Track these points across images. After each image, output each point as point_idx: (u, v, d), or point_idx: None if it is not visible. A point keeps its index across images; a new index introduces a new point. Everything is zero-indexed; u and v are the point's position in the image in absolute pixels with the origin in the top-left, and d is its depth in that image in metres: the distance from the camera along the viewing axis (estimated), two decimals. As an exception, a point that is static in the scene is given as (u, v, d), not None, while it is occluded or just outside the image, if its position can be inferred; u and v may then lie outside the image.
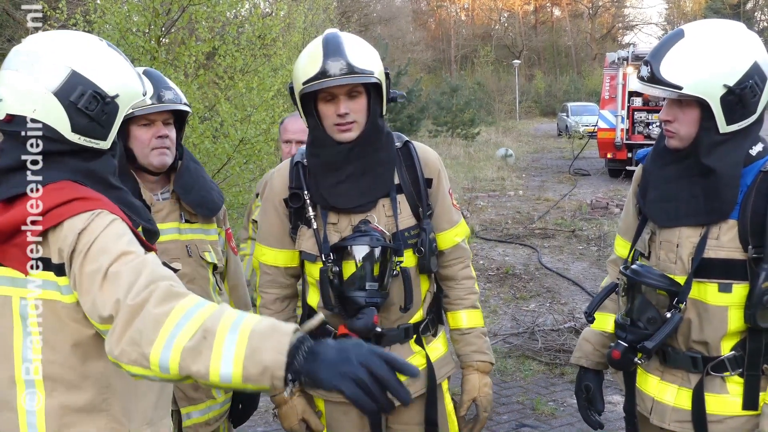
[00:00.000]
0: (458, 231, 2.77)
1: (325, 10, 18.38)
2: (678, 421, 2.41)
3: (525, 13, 69.72)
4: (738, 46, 2.24)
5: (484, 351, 2.76)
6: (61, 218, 1.78)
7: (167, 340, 1.57)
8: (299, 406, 2.72)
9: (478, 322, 2.79)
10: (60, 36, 1.96)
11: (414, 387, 2.66)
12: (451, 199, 2.77)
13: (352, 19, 31.70)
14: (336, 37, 2.50)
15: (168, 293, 1.65)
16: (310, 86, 2.45)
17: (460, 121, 28.33)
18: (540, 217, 13.49)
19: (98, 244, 1.75)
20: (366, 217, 2.58)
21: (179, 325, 1.58)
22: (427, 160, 2.69)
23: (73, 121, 1.87)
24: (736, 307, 2.29)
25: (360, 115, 2.52)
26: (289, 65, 9.38)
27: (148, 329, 1.59)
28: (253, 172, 8.26)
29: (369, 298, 2.51)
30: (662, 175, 2.42)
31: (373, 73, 2.47)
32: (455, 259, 2.78)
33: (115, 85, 1.92)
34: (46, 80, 1.85)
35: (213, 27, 8.08)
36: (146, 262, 1.73)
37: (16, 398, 1.86)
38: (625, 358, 2.41)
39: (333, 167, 2.57)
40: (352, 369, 1.47)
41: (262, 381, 1.53)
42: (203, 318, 1.59)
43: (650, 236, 2.47)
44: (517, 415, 5.30)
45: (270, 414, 5.39)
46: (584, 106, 34.97)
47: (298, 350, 1.51)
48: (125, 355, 1.62)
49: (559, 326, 7.07)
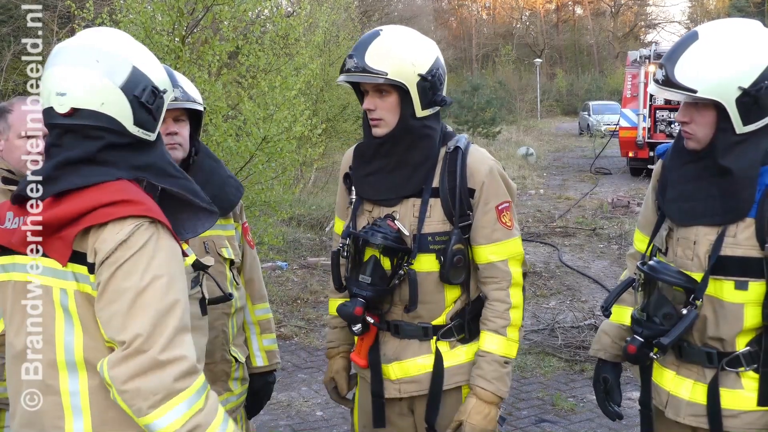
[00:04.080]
0: (497, 250, 2.63)
1: (347, 9, 18.42)
2: (692, 415, 2.43)
3: (546, 11, 69.37)
4: (753, 46, 2.25)
5: (489, 379, 2.59)
6: (107, 218, 1.85)
7: (165, 416, 1.80)
8: (335, 365, 2.94)
9: (498, 349, 2.62)
10: (112, 33, 2.05)
11: (421, 385, 2.68)
12: (499, 216, 2.63)
13: (373, 18, 31.70)
14: (369, 36, 2.58)
15: (188, 370, 1.85)
16: (339, 79, 2.65)
17: (481, 119, 28.23)
18: (561, 216, 13.47)
19: (136, 258, 1.84)
20: (393, 212, 2.64)
21: (179, 409, 1.82)
22: (474, 171, 2.61)
23: (135, 114, 1.97)
24: (752, 304, 2.31)
25: (387, 113, 2.57)
26: (312, 64, 9.46)
27: (153, 394, 1.80)
28: (275, 170, 8.33)
29: (358, 289, 2.59)
30: (680, 174, 2.44)
31: (385, 74, 2.49)
32: (489, 278, 2.66)
33: (163, 80, 2.05)
34: (112, 75, 1.94)
35: (236, 26, 8.16)
36: (176, 305, 1.87)
37: (59, 381, 1.93)
38: (640, 352, 2.42)
39: (366, 159, 2.69)
40: None
41: None
42: (203, 411, 1.86)
43: (668, 233, 2.49)
44: (537, 411, 5.34)
45: (293, 408, 5.47)
46: (606, 105, 34.79)
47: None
48: (122, 393, 1.81)
49: (579, 323, 7.09)
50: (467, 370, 2.68)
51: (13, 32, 17.24)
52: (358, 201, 2.72)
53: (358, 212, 2.72)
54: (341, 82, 2.63)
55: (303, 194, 13.69)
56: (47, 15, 14.64)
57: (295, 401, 5.60)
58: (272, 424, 5.20)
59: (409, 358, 2.69)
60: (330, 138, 16.10)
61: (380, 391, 2.72)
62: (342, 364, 2.93)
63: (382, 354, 2.72)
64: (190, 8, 7.73)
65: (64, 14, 18.22)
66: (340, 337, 2.93)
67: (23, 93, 22.29)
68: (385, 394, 2.72)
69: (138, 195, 1.92)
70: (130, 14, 7.53)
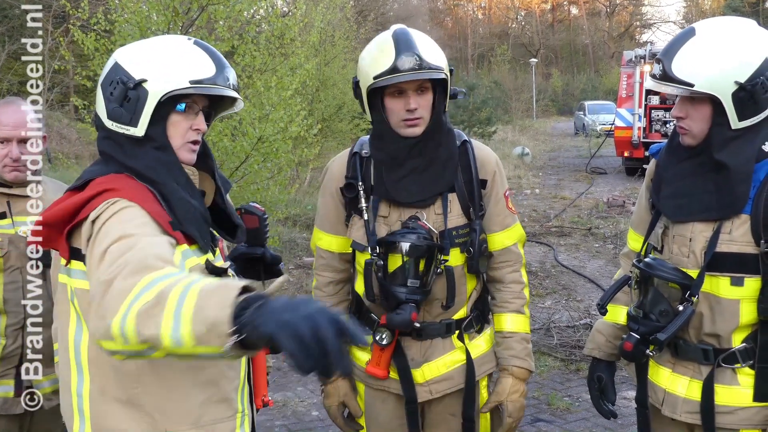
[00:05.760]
0: (510, 234, 2.74)
1: (342, 9, 18.42)
2: (689, 413, 2.44)
3: (542, 11, 69.48)
4: (749, 42, 2.27)
5: (522, 357, 2.72)
6: (90, 210, 1.85)
7: (127, 308, 1.53)
8: (342, 389, 2.77)
9: (521, 328, 2.74)
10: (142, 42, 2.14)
11: (452, 381, 2.69)
12: (507, 202, 2.74)
13: (368, 18, 31.71)
14: (406, 33, 2.52)
15: (139, 267, 1.60)
16: (382, 80, 2.46)
17: (477, 119, 28.26)
18: (556, 216, 13.49)
19: (104, 228, 1.78)
20: (417, 213, 2.61)
21: (139, 294, 1.54)
22: (484, 161, 2.69)
23: (107, 107, 1.99)
24: (747, 300, 2.32)
25: (426, 110, 2.54)
26: (307, 64, 9.46)
27: (114, 301, 1.56)
28: (270, 170, 8.33)
29: (409, 294, 2.53)
30: (676, 171, 2.44)
31: (442, 69, 2.50)
32: (504, 262, 2.74)
33: (144, 71, 1.96)
34: (101, 75, 2.04)
35: (232, 26, 8.16)
36: (138, 242, 1.70)
37: (71, 381, 1.96)
38: (636, 349, 2.43)
39: (398, 162, 2.59)
40: (294, 320, 1.35)
41: (210, 341, 1.45)
42: (163, 285, 1.54)
43: (663, 230, 2.50)
44: (533, 410, 5.35)
45: (288, 408, 5.47)
46: (601, 105, 34.84)
47: (248, 305, 1.43)
48: (96, 329, 1.59)
49: (575, 323, 7.10)
50: (492, 358, 2.78)
51: (8, 32, 17.21)
52: (375, 208, 2.64)
53: (377, 221, 2.63)
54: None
55: (299, 194, 13.68)
56: (42, 14, 14.60)
57: (291, 401, 5.60)
58: (268, 425, 5.19)
59: (438, 358, 2.69)
60: (326, 138, 16.11)
61: (413, 396, 2.68)
62: (347, 386, 2.79)
63: (410, 359, 2.68)
64: (185, 8, 7.73)
65: (59, 14, 18.22)
66: None
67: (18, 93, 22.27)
68: (418, 398, 2.70)
69: (118, 183, 1.90)
70: (125, 14, 7.53)
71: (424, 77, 2.47)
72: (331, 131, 16.90)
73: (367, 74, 2.51)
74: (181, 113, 2.00)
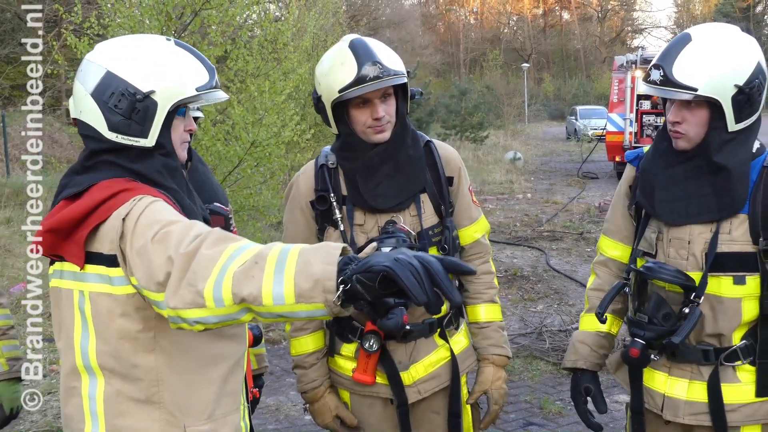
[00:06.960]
0: (478, 227, 2.83)
1: (335, 14, 18.44)
2: (692, 414, 2.44)
3: (534, 16, 69.70)
4: (742, 47, 2.32)
5: (500, 345, 2.81)
6: (110, 211, 1.84)
7: (220, 271, 1.58)
8: (331, 403, 2.76)
9: (496, 317, 2.84)
10: (111, 41, 2.06)
11: (440, 379, 2.72)
12: (471, 196, 2.82)
13: (361, 23, 31.76)
14: (363, 42, 2.52)
15: (220, 238, 1.66)
16: (348, 93, 2.47)
17: (469, 124, 28.31)
18: (548, 220, 13.52)
19: (142, 220, 1.78)
20: (392, 217, 2.62)
21: (232, 257, 1.60)
22: (448, 159, 2.75)
23: (108, 119, 1.93)
24: (749, 298, 2.37)
25: (392, 116, 2.58)
26: (300, 69, 9.47)
27: (202, 268, 1.60)
28: (263, 175, 8.34)
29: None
30: (669, 176, 2.46)
31: (403, 73, 2.54)
32: (475, 254, 2.84)
33: (150, 82, 1.94)
34: (86, 83, 1.96)
35: (224, 31, 8.17)
36: (195, 223, 1.74)
37: (81, 385, 1.96)
38: (643, 355, 2.43)
39: (372, 170, 2.59)
40: (406, 257, 1.47)
41: (314, 296, 1.53)
42: (256, 249, 1.61)
43: (657, 235, 2.51)
44: (525, 414, 5.35)
45: (281, 412, 5.47)
46: (593, 110, 34.88)
47: (350, 261, 1.54)
48: (182, 299, 1.62)
49: (567, 327, 7.11)
50: (472, 353, 2.86)
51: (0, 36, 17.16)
52: (351, 218, 2.63)
53: (353, 230, 2.63)
54: None
55: (291, 198, 13.66)
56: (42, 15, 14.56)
57: (284, 405, 5.60)
58: (261, 429, 5.19)
59: (424, 357, 2.71)
60: (318, 142, 16.08)
61: (404, 399, 2.69)
62: (336, 399, 2.78)
63: (397, 362, 2.68)
64: (178, 13, 7.73)
65: (52, 18, 18.17)
66: (321, 374, 2.76)
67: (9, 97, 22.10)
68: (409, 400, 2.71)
69: (130, 185, 1.90)
70: (118, 18, 7.51)
71: (389, 84, 2.49)
72: (324, 136, 16.88)
73: (330, 88, 2.51)
74: (180, 117, 2.03)
